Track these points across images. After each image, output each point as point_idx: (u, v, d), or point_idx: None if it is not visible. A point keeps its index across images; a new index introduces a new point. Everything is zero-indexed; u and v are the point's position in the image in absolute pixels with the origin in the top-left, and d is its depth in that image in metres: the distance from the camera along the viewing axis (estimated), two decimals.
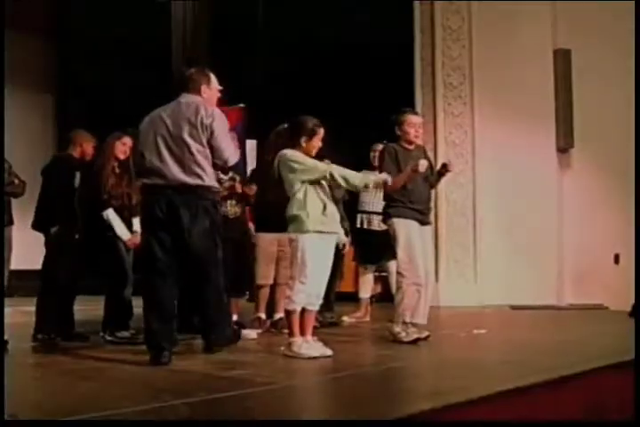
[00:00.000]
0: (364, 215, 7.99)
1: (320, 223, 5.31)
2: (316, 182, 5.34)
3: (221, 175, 6.53)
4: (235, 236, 6.50)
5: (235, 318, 6.57)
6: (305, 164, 5.35)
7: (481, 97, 10.60)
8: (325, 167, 5.36)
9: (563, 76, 10.22)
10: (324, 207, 5.32)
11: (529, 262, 10.08)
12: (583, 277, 10.04)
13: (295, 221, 5.35)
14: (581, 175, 10.35)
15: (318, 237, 5.31)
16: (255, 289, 7.00)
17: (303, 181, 5.32)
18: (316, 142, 5.47)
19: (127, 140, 6.57)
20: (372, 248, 7.80)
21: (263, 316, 6.99)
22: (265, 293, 6.98)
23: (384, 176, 5.48)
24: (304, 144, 5.42)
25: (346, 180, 5.32)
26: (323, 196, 5.35)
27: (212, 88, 5.51)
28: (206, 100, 5.40)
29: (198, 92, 5.40)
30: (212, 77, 5.53)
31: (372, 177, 5.46)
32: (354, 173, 5.49)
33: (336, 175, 5.27)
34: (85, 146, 6.59)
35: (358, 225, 8.01)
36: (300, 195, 5.33)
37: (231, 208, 6.54)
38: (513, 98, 10.32)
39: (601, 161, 10.04)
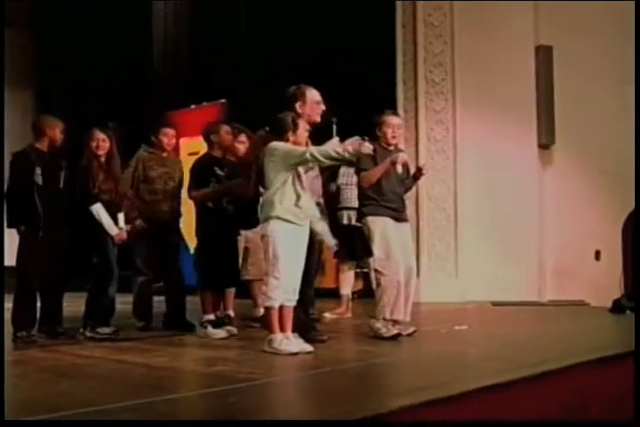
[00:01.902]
0: (349, 212, 7.97)
1: (291, 214, 5.31)
2: (295, 174, 5.34)
3: (218, 171, 6.50)
4: (229, 231, 6.48)
5: (222, 313, 6.52)
6: (283, 149, 5.35)
7: (463, 93, 10.61)
8: (304, 149, 5.34)
9: (544, 73, 10.23)
10: (298, 199, 5.32)
11: (510, 259, 10.11)
12: (564, 274, 10.07)
13: (267, 205, 5.35)
14: (562, 171, 10.37)
15: (288, 229, 5.30)
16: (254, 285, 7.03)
17: (285, 168, 5.31)
18: (302, 133, 5.50)
19: (102, 136, 6.47)
20: (355, 244, 7.77)
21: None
22: None
23: (363, 146, 5.34)
24: (292, 137, 5.44)
25: (327, 156, 5.26)
26: (299, 188, 5.35)
27: (308, 103, 5.83)
28: (304, 115, 5.76)
29: (293, 109, 5.75)
30: (308, 93, 5.88)
31: (350, 148, 5.38)
32: (332, 148, 5.45)
33: (316, 154, 5.23)
34: (50, 132, 6.32)
35: (345, 221, 8.00)
36: (277, 185, 5.33)
37: (226, 205, 6.50)
38: (495, 94, 10.33)
39: (582, 157, 10.06)
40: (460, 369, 4.70)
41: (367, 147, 5.27)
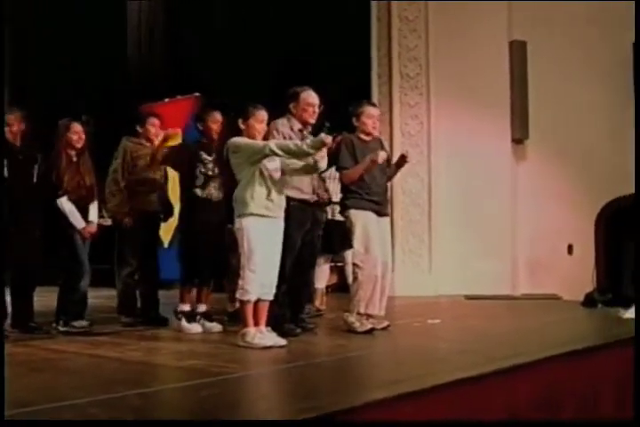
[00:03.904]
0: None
1: (264, 208, 5.31)
2: (262, 167, 5.34)
3: (205, 156, 6.41)
4: (216, 220, 6.38)
5: (204, 308, 6.45)
6: (241, 145, 5.37)
7: (437, 88, 10.64)
8: (263, 143, 5.35)
9: (518, 68, 10.28)
10: (269, 193, 5.33)
11: (484, 253, 10.15)
12: (537, 268, 10.13)
13: (239, 203, 5.35)
14: (536, 166, 10.43)
15: (262, 222, 5.30)
16: None
17: (249, 164, 5.32)
18: (256, 124, 5.49)
19: (80, 129, 6.42)
20: (332, 238, 7.75)
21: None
22: None
23: (322, 136, 5.29)
24: (242, 126, 5.48)
25: (286, 150, 5.26)
26: (269, 182, 5.35)
27: (300, 105, 6.04)
28: (296, 116, 6.03)
29: (288, 110, 6.06)
30: (302, 94, 6.05)
31: (308, 141, 5.43)
32: (293, 142, 5.49)
33: (274, 148, 5.23)
34: (10, 124, 6.21)
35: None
36: (245, 180, 5.35)
37: (215, 191, 6.42)
38: (469, 89, 10.37)
39: (555, 152, 10.12)
40: (434, 362, 4.71)
41: (326, 136, 5.24)
